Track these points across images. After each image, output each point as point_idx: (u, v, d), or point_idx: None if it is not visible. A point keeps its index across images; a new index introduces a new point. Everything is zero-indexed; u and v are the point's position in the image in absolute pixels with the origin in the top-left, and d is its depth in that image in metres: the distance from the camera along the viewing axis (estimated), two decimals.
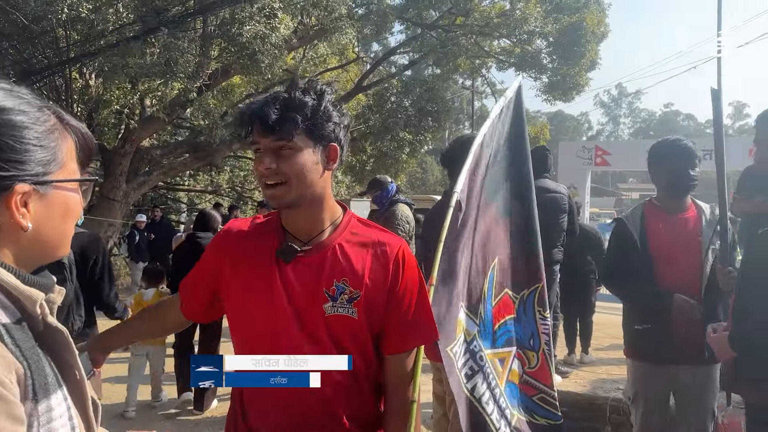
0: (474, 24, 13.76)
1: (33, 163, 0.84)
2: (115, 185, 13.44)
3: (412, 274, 1.50)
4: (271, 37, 10.44)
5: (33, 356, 0.81)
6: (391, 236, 1.53)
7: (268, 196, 1.39)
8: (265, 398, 1.45)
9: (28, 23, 10.98)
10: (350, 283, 1.41)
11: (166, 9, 10.72)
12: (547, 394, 2.22)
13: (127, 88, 13.38)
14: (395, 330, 1.48)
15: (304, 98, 1.36)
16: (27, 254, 0.87)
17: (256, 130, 1.36)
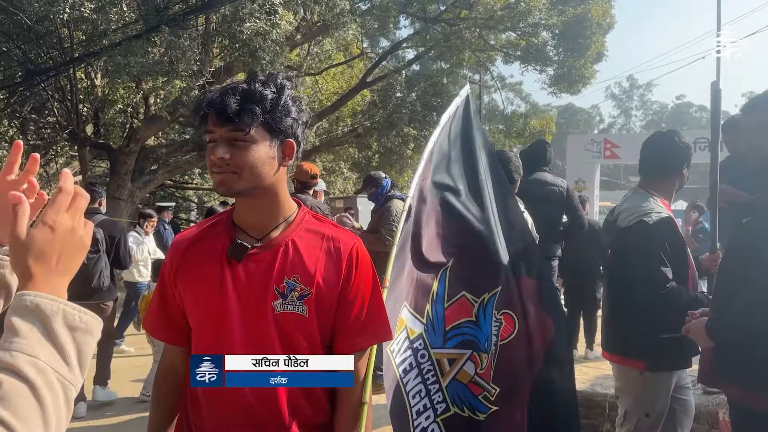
0: (478, 17, 13.66)
1: None
2: (121, 184, 13.51)
3: (366, 272, 1.47)
4: (272, 33, 10.42)
5: None
6: (345, 233, 1.51)
7: (217, 183, 1.36)
8: (207, 396, 1.42)
9: (32, 24, 11.04)
10: (301, 280, 1.39)
11: (167, 7, 10.73)
12: (488, 390, 2.26)
13: (131, 87, 13.45)
14: (347, 329, 1.45)
15: (264, 91, 1.33)
16: None
17: (211, 119, 1.33)
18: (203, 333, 1.44)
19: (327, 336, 1.44)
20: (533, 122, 17.39)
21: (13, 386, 0.70)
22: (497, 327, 2.28)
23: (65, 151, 15.45)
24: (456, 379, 2.19)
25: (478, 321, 2.23)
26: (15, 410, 0.69)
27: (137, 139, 13.52)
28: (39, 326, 0.76)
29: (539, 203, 4.47)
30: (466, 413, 2.19)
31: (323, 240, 1.45)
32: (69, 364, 0.77)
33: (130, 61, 10.00)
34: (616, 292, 2.89)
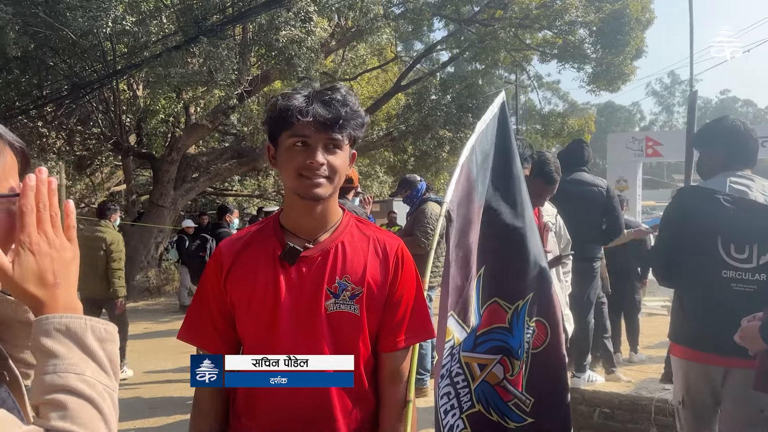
0: (513, 17, 13.54)
1: None
2: (164, 192, 13.86)
3: (410, 272, 1.52)
4: (307, 40, 10.53)
5: None
6: (390, 235, 1.57)
7: (307, 186, 1.38)
8: (257, 396, 1.45)
9: (77, 39, 11.43)
10: (352, 280, 1.44)
11: (205, 18, 10.96)
12: (519, 399, 2.23)
13: (172, 97, 13.79)
14: (391, 328, 1.49)
15: (356, 103, 1.42)
16: None
17: (306, 124, 1.36)
18: (257, 334, 1.46)
19: (374, 334, 1.49)
20: (572, 121, 17.10)
21: (76, 404, 0.76)
22: (530, 335, 2.26)
23: (110, 161, 15.93)
24: (485, 380, 2.19)
25: (512, 328, 2.22)
26: (87, 426, 0.75)
27: (179, 148, 13.84)
28: (75, 345, 0.80)
29: (579, 204, 4.40)
30: (494, 417, 2.17)
31: (369, 241, 1.50)
32: (107, 374, 0.82)
33: (171, 72, 10.26)
34: None
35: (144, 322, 10.17)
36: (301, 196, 1.42)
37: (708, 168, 2.72)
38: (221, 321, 1.50)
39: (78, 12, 10.11)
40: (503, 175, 2.38)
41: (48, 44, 12.25)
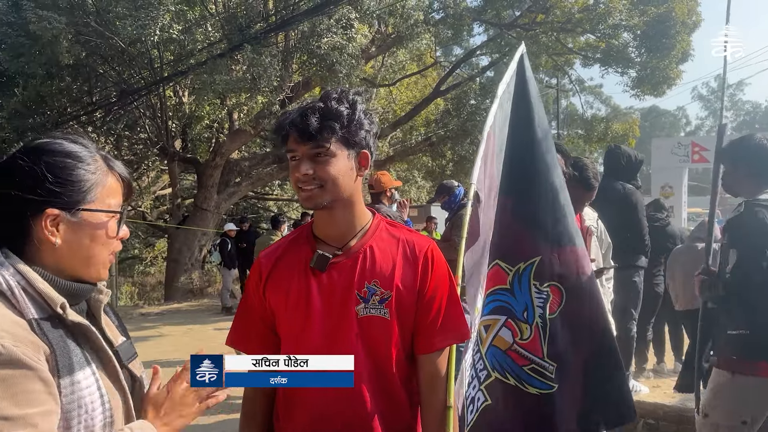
0: (555, 21, 13.38)
1: (66, 194, 1.09)
2: (208, 196, 14.18)
3: (442, 273, 1.52)
4: (348, 47, 10.64)
5: (59, 343, 1.05)
6: (420, 237, 1.56)
7: (303, 198, 1.43)
8: (294, 399, 1.49)
9: (125, 47, 11.81)
10: (381, 284, 1.45)
11: (249, 26, 11.19)
12: (539, 365, 2.16)
13: (216, 103, 14.11)
14: (426, 330, 1.49)
15: (340, 107, 1.41)
16: (64, 267, 1.12)
17: (292, 138, 1.41)
18: (292, 339, 1.50)
19: (408, 338, 1.49)
20: (615, 126, 16.74)
21: None
22: (543, 299, 2.19)
23: (156, 166, 16.37)
24: (494, 345, 2.16)
25: (513, 289, 2.19)
26: None
27: (222, 153, 14.14)
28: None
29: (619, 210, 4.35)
30: (511, 381, 2.13)
31: (399, 244, 1.50)
32: None
33: (216, 79, 10.50)
34: None
35: (187, 323, 10.42)
36: (303, 207, 1.48)
37: (734, 183, 2.80)
38: (263, 327, 1.55)
39: (127, 21, 10.45)
40: (518, 140, 2.30)
41: (98, 52, 12.71)
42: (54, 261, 1.10)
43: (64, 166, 1.09)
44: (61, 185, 1.08)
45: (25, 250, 1.08)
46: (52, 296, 1.06)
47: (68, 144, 1.13)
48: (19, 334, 0.99)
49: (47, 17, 10.34)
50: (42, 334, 1.02)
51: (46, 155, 1.09)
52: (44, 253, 1.09)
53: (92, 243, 1.12)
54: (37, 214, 1.07)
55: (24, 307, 1.03)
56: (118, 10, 10.76)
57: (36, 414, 0.96)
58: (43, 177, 1.07)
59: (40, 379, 0.98)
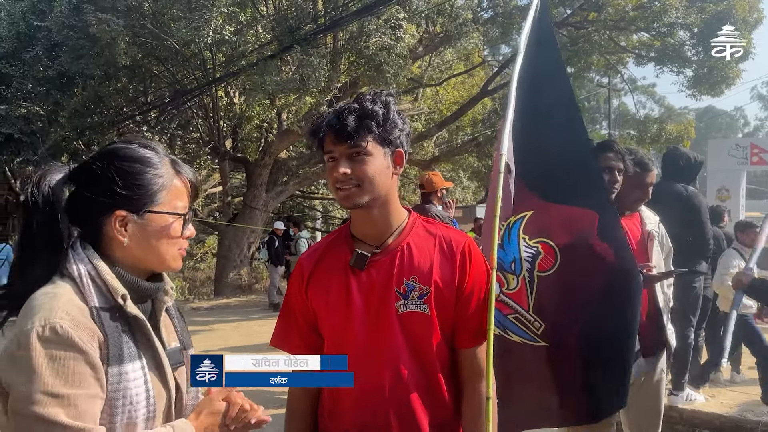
0: (608, 19, 13.05)
1: (134, 197, 1.17)
2: (256, 194, 14.45)
3: (480, 268, 1.54)
4: (396, 47, 10.66)
5: (113, 332, 1.11)
6: (457, 232, 1.58)
7: (341, 198, 1.46)
8: (340, 394, 1.52)
9: (179, 48, 12.15)
10: (419, 280, 1.47)
11: (299, 27, 11.34)
12: (522, 315, 2.17)
13: (266, 104, 14.36)
14: (465, 323, 1.51)
15: (375, 107, 1.45)
16: (134, 262, 1.21)
17: (329, 139, 1.45)
18: (334, 338, 1.53)
19: (448, 332, 1.51)
20: (670, 127, 16.20)
21: None
22: (532, 255, 2.18)
23: (207, 164, 16.77)
24: None
25: (503, 243, 2.19)
26: None
27: (271, 153, 14.39)
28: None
29: (682, 213, 4.22)
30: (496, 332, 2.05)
31: (435, 240, 1.53)
32: None
33: (266, 80, 10.68)
34: None
35: (236, 318, 10.64)
36: (342, 207, 1.49)
37: None
38: (306, 328, 1.59)
39: (181, 23, 10.75)
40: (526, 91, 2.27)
41: (153, 54, 13.12)
42: (124, 257, 1.19)
43: (133, 170, 1.17)
44: (129, 189, 1.16)
45: (99, 245, 1.18)
46: (115, 287, 1.14)
47: (139, 149, 1.21)
48: (79, 319, 1.07)
49: (106, 20, 10.73)
50: (99, 322, 1.10)
51: (118, 160, 1.18)
52: (115, 249, 1.19)
53: (157, 242, 1.20)
54: (107, 215, 1.16)
55: (88, 294, 1.11)
56: (173, 13, 11.08)
57: (80, 395, 1.02)
58: (113, 181, 1.15)
59: (90, 364, 1.05)
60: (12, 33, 14.51)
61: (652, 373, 2.97)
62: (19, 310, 1.10)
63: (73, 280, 1.12)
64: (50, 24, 12.72)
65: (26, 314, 1.06)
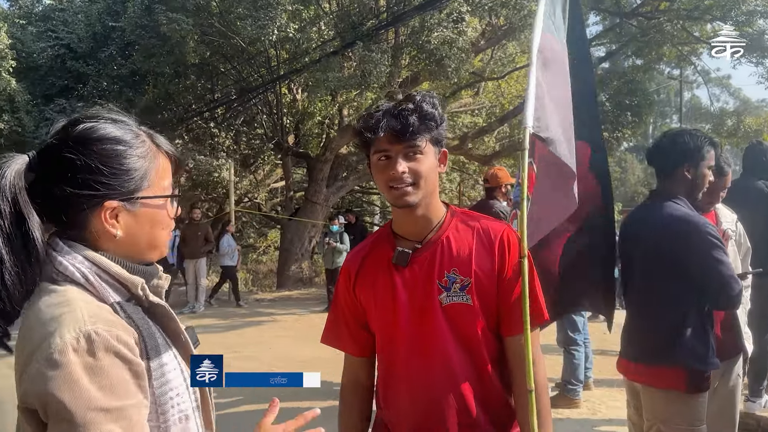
0: (681, 8, 12.49)
1: (122, 184, 1.03)
2: (317, 190, 14.65)
3: (516, 255, 1.55)
4: (458, 41, 10.56)
5: (144, 325, 1.02)
6: (494, 222, 1.60)
7: (396, 196, 1.48)
8: (394, 391, 1.57)
9: (245, 46, 12.44)
10: (460, 272, 1.50)
11: (361, 23, 11.39)
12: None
13: (327, 100, 14.53)
14: (508, 312, 1.53)
15: (432, 109, 1.49)
16: (125, 254, 1.07)
17: (385, 138, 1.47)
18: (383, 333, 1.58)
19: (493, 321, 1.53)
20: (748, 120, 15.38)
21: None
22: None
23: (270, 160, 17.12)
24: None
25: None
26: None
27: (332, 148, 14.55)
28: None
29: (764, 211, 4.00)
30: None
31: (474, 231, 1.55)
32: None
33: (328, 76, 10.80)
34: None
35: (297, 310, 10.84)
36: (395, 206, 1.53)
37: None
38: (354, 325, 1.64)
39: (247, 21, 11.00)
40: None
41: (220, 52, 13.49)
42: (114, 250, 1.05)
43: (116, 154, 1.02)
44: (116, 176, 1.02)
45: (84, 241, 1.03)
46: (129, 278, 1.03)
47: (113, 127, 1.05)
48: (110, 318, 0.96)
49: (176, 19, 11.11)
50: (127, 317, 1.00)
51: (95, 144, 1.02)
52: (104, 243, 1.04)
53: (153, 228, 1.09)
54: (94, 208, 1.01)
55: (103, 291, 1.00)
56: (239, 11, 11.35)
57: (131, 406, 0.92)
58: (97, 170, 1.00)
59: (132, 371, 0.95)
60: (89, 33, 15.26)
61: (727, 379, 2.83)
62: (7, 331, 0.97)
63: (74, 283, 0.98)
64: (124, 24, 13.28)
65: (42, 329, 0.92)
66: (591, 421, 4.51)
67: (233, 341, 7.93)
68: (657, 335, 2.36)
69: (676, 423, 2.31)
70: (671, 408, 2.32)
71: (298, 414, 1.23)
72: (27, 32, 16.45)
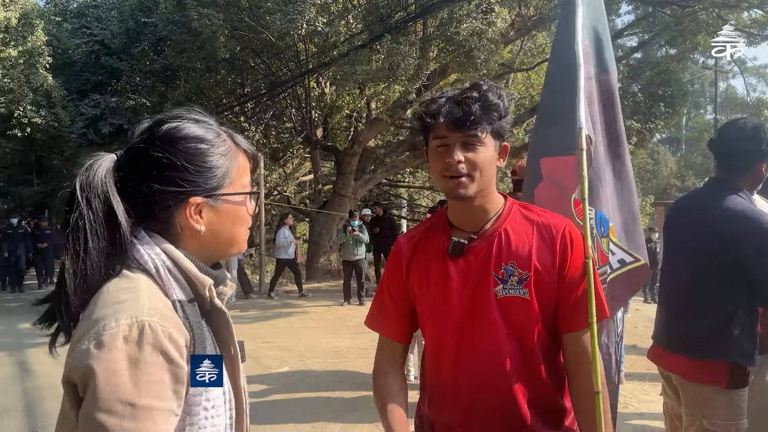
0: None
1: (206, 181, 1.06)
2: (345, 182, 14.73)
3: (579, 252, 1.51)
4: (488, 32, 10.48)
5: (198, 329, 1.01)
6: (555, 217, 1.55)
7: (451, 187, 1.44)
8: (441, 377, 1.54)
9: (274, 40, 12.54)
10: (518, 265, 1.46)
11: (389, 16, 11.39)
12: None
13: (355, 93, 14.57)
14: (569, 308, 1.49)
15: (496, 99, 1.44)
16: (205, 250, 1.09)
17: (445, 124, 1.43)
18: (434, 323, 1.55)
19: (549, 316, 1.49)
20: None
21: None
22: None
23: (299, 153, 17.26)
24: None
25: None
26: None
27: (360, 141, 14.60)
28: None
29: None
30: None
31: (533, 225, 1.51)
32: None
33: (356, 70, 10.83)
34: None
35: (326, 302, 10.94)
36: (448, 196, 1.49)
37: None
38: (399, 311, 1.61)
39: (276, 15, 11.09)
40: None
41: (250, 47, 13.62)
42: (196, 246, 1.08)
43: (200, 152, 1.06)
44: (200, 173, 1.06)
45: (168, 236, 1.06)
46: (200, 277, 1.04)
47: (196, 126, 1.09)
48: (167, 314, 0.96)
49: (207, 14, 11.25)
50: (184, 316, 1.00)
51: (180, 142, 1.05)
52: (187, 238, 1.07)
53: (233, 225, 1.12)
54: (179, 204, 1.05)
55: (169, 287, 1.01)
56: (268, 6, 11.44)
57: (159, 409, 0.90)
58: (183, 167, 1.04)
59: (173, 374, 0.93)
60: (122, 30, 15.57)
61: (763, 372, 2.78)
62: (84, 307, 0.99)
63: (146, 272, 1.00)
64: (156, 20, 13.52)
65: (103, 309, 0.94)
66: (623, 414, 4.49)
67: (264, 332, 8.06)
68: (703, 329, 2.30)
69: (719, 418, 2.28)
70: (713, 403, 2.28)
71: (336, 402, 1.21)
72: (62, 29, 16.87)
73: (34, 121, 14.35)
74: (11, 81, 13.79)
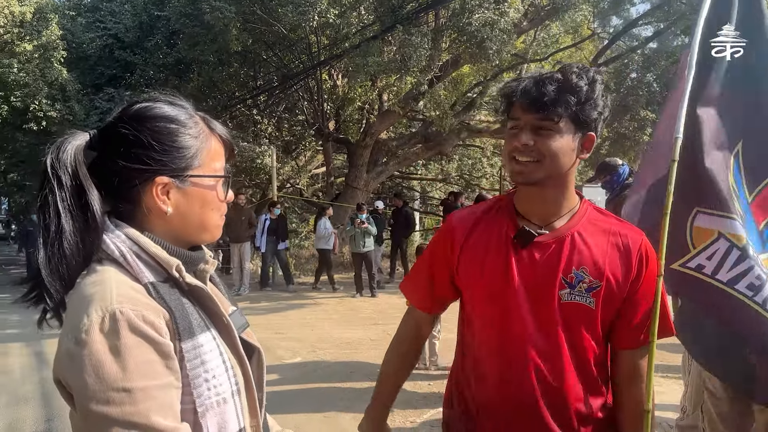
0: None
1: (173, 161, 1.05)
2: (358, 175, 14.73)
3: (653, 268, 1.44)
4: (500, 22, 10.39)
5: (177, 306, 1.01)
6: (632, 228, 1.46)
7: (512, 170, 1.38)
8: (483, 368, 1.47)
9: (286, 33, 12.54)
10: (590, 273, 1.38)
11: (401, 6, 11.33)
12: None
13: (367, 85, 14.54)
14: (632, 324, 1.42)
15: (579, 82, 1.33)
16: (174, 233, 1.09)
17: (519, 106, 1.35)
18: (487, 311, 1.46)
19: (606, 329, 1.43)
20: None
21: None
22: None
23: (312, 146, 17.28)
24: None
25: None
26: None
27: (372, 134, 14.59)
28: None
29: None
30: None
31: (610, 235, 1.42)
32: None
33: (368, 61, 10.80)
34: None
35: (338, 293, 10.97)
36: (513, 181, 1.41)
37: None
38: (439, 283, 1.56)
39: (288, 7, 11.08)
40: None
41: (262, 39, 13.64)
42: (165, 229, 1.07)
43: (168, 131, 1.05)
44: (168, 152, 1.04)
45: (134, 218, 1.05)
46: (166, 259, 1.03)
47: (168, 107, 1.08)
48: (137, 298, 0.96)
49: (219, 7, 11.27)
50: (159, 297, 0.99)
51: (149, 121, 1.05)
52: (154, 220, 1.06)
53: (203, 209, 1.10)
54: (146, 183, 1.03)
55: (138, 271, 1.00)
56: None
57: (157, 387, 0.92)
58: (149, 145, 1.03)
59: (159, 351, 0.94)
60: (135, 23, 15.64)
61: None
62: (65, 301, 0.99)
63: (114, 261, 1.00)
64: (169, 13, 13.55)
65: (76, 308, 0.94)
66: None
67: (277, 323, 8.10)
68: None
69: None
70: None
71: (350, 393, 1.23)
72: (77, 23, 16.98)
73: (50, 115, 14.47)
74: (27, 75, 13.91)
